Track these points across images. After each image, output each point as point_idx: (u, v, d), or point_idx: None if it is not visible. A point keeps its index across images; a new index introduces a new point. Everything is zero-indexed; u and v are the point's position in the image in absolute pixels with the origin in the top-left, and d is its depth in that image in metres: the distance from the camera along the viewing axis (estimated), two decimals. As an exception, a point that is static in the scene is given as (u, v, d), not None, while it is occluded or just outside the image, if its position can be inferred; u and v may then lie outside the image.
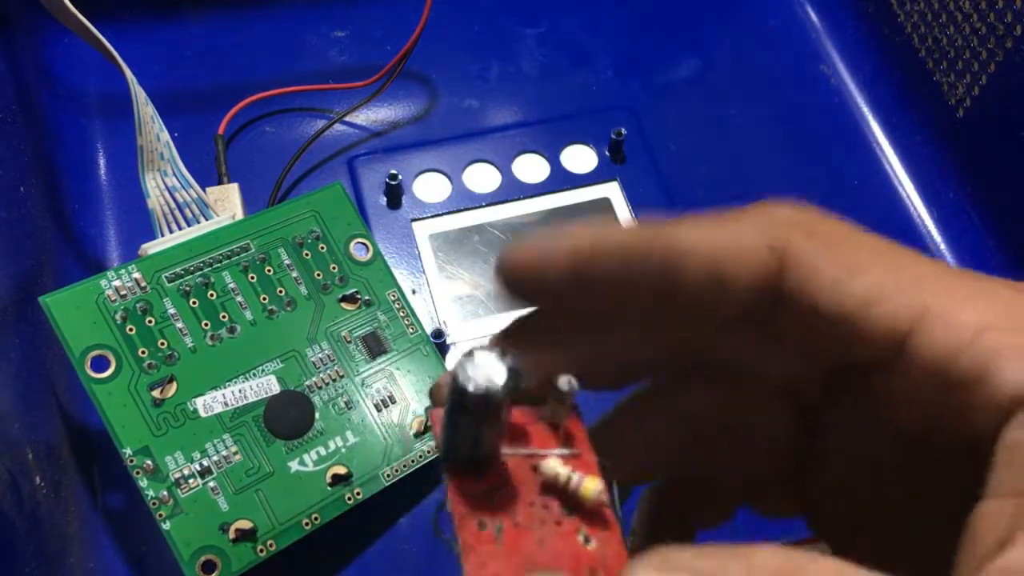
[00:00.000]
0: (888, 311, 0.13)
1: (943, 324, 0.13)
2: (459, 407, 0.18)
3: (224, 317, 0.33)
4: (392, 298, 0.35)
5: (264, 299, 0.33)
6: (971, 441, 0.13)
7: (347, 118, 0.44)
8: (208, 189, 0.37)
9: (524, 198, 0.42)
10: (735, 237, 0.14)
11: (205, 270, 0.33)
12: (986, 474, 0.13)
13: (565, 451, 0.20)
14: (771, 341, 0.16)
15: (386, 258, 0.36)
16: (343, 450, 0.32)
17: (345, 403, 0.33)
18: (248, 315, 0.33)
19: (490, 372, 0.17)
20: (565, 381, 0.19)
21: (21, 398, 0.31)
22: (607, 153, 0.44)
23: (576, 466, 0.20)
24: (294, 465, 0.32)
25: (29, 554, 0.28)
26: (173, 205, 0.35)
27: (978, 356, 0.13)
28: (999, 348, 0.13)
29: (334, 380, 0.33)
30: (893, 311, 0.13)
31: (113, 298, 0.31)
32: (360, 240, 0.36)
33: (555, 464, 0.20)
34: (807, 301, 0.14)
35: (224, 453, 0.31)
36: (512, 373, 0.17)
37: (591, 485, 0.19)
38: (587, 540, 0.19)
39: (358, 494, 0.32)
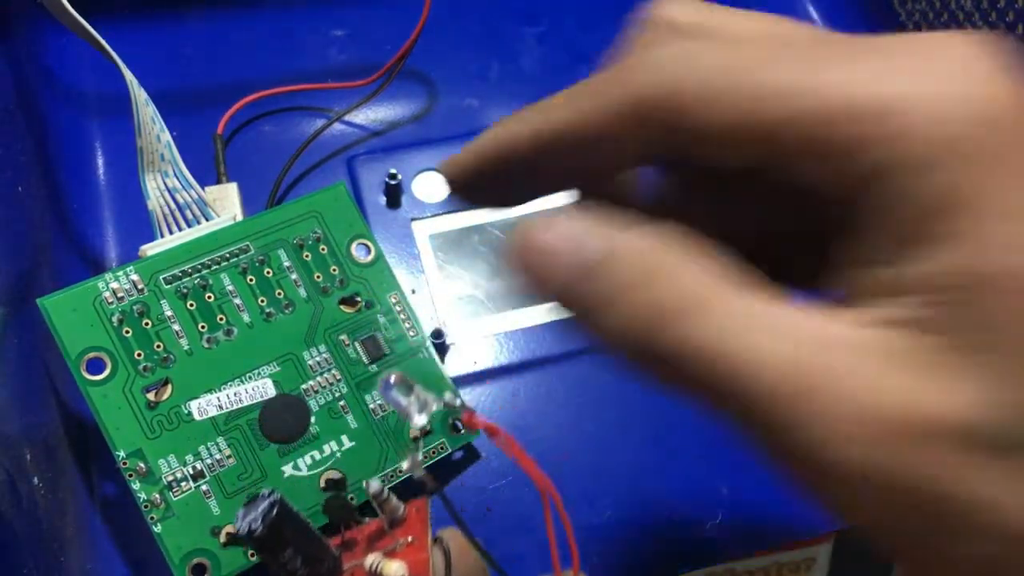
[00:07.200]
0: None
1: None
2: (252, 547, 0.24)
3: (221, 319, 0.33)
4: (393, 300, 0.35)
5: (262, 301, 0.33)
6: None
7: (346, 117, 0.44)
8: (206, 188, 0.37)
9: (524, 198, 0.42)
10: None
11: (203, 272, 0.33)
12: None
13: (390, 546, 0.26)
14: None
15: (386, 258, 0.36)
16: (338, 455, 0.32)
17: (342, 407, 0.33)
18: (245, 317, 0.33)
19: (251, 516, 0.24)
20: (371, 485, 0.26)
21: (19, 398, 0.31)
22: (607, 153, 0.44)
23: (407, 552, 0.25)
24: (288, 469, 0.32)
25: (27, 554, 0.28)
26: (173, 206, 0.35)
27: None
28: None
29: (331, 384, 0.33)
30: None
31: (110, 300, 0.31)
32: (362, 241, 0.35)
33: (370, 560, 0.25)
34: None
35: (217, 456, 0.31)
36: (269, 511, 0.23)
37: (388, 569, 0.24)
38: None
39: (352, 500, 0.32)
